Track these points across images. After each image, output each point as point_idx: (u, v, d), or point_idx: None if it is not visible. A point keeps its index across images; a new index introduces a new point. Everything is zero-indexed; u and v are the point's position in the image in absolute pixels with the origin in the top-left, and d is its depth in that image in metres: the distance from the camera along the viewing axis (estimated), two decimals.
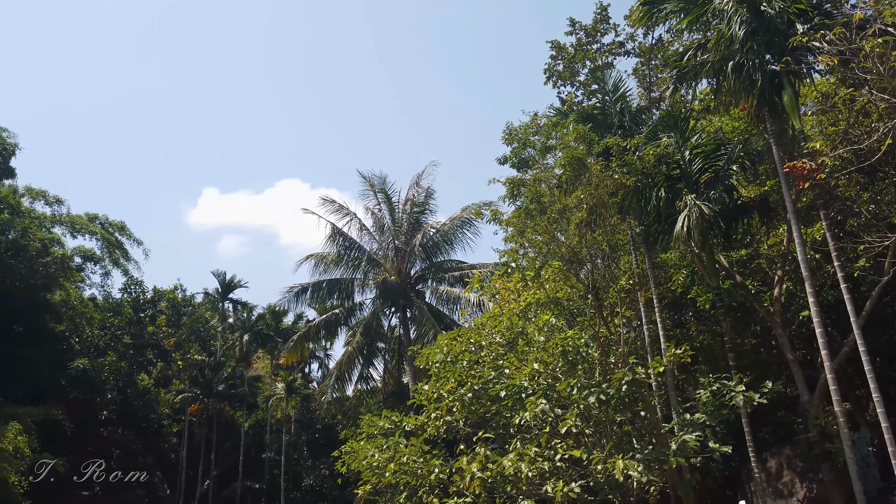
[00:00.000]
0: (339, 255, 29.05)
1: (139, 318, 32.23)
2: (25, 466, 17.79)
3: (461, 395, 13.23)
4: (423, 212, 29.38)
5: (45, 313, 24.58)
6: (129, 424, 29.76)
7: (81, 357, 26.69)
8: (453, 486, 12.23)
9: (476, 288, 17.68)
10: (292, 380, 42.21)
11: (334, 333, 32.69)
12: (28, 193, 27.87)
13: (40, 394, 23.40)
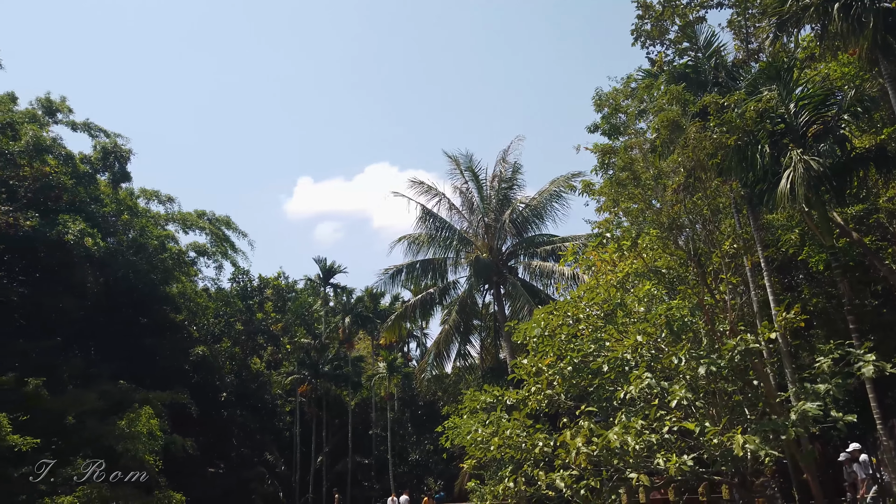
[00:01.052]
0: (431, 235, 29.27)
1: (248, 305, 33.87)
2: (159, 447, 19.15)
3: (561, 369, 12.99)
4: (511, 187, 29.05)
5: (165, 305, 26.27)
6: (246, 406, 31.46)
7: (200, 344, 28.40)
8: (558, 460, 12.10)
9: (570, 261, 17.28)
10: (393, 359, 43.19)
11: (430, 313, 33.06)
12: (143, 194, 29.78)
13: (166, 379, 25.09)
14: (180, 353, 26.70)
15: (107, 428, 18.28)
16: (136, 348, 24.88)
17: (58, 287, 21.14)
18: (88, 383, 20.51)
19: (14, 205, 20.87)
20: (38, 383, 17.68)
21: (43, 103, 25.62)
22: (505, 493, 13.12)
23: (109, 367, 22.13)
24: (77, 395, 18.86)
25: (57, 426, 17.65)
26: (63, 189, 22.53)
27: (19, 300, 20.43)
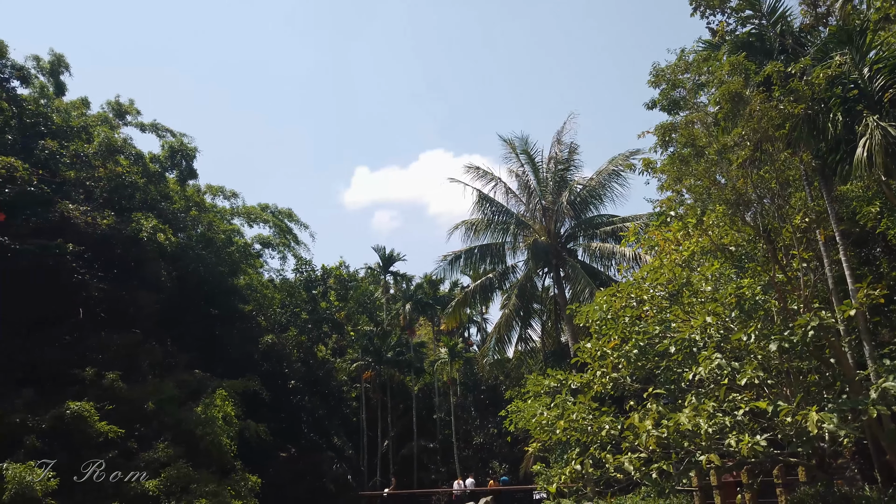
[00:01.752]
0: (488, 220, 29.18)
1: (312, 295, 34.65)
2: (234, 432, 19.88)
3: (626, 352, 12.78)
4: (568, 168, 28.64)
5: (234, 296, 27.16)
6: (314, 392, 32.26)
7: (268, 333, 29.25)
8: (625, 443, 11.95)
9: (631, 241, 16.93)
10: (454, 344, 43.45)
11: (489, 298, 33.07)
12: (209, 191, 30.81)
13: (238, 368, 25.97)
14: (250, 343, 27.57)
15: (185, 414, 19.08)
16: (208, 338, 25.83)
17: (134, 282, 22.13)
18: (166, 373, 21.44)
19: (91, 205, 21.91)
20: (116, 376, 18.57)
21: (113, 106, 26.77)
22: (572, 476, 13.05)
23: (185, 357, 23.08)
24: (156, 384, 19.73)
25: (139, 413, 18.53)
26: (135, 188, 23.54)
27: (100, 295, 21.48)
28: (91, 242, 20.81)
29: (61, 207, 20.29)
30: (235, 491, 18.49)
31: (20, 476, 13.52)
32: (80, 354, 19.43)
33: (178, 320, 25.55)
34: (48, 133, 22.84)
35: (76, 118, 24.36)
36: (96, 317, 21.55)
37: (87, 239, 20.60)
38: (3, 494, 13.31)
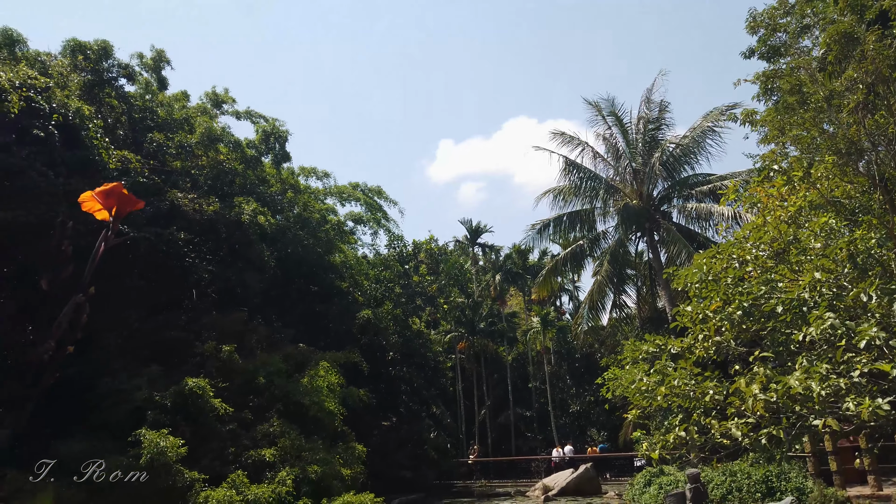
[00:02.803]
0: (576, 186, 28.65)
1: (405, 269, 35.41)
2: (338, 401, 20.79)
3: (729, 314, 12.28)
4: (659, 128, 27.57)
5: (330, 273, 28.16)
6: (411, 363, 33.11)
7: (364, 308, 30.21)
8: (731, 408, 11.57)
9: (731, 199, 16.14)
10: (546, 313, 43.27)
11: (580, 265, 32.60)
12: (302, 172, 31.94)
13: (338, 341, 27.03)
14: (347, 317, 28.57)
15: (292, 386, 20.09)
16: (309, 314, 26.99)
17: (239, 263, 23.38)
18: (273, 348, 22.60)
19: (197, 192, 23.24)
20: (231, 349, 19.78)
21: (210, 97, 28.12)
22: (675, 443, 12.79)
23: (289, 333, 24.25)
24: (264, 358, 20.84)
25: (251, 386, 19.67)
26: (235, 174, 24.75)
27: (209, 278, 22.83)
28: (198, 228, 22.10)
29: (170, 196, 21.63)
30: (343, 458, 19.33)
31: (155, 442, 14.75)
32: (195, 333, 20.80)
33: (281, 298, 26.82)
34: (154, 126, 24.33)
35: (178, 111, 25.80)
36: (207, 297, 22.95)
37: (195, 225, 21.88)
38: (140, 459, 14.55)
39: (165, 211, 21.16)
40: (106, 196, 2.39)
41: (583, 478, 23.45)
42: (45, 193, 16.66)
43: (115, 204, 2.43)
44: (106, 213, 2.51)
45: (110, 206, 2.43)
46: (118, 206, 2.48)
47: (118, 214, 2.45)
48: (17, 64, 20.10)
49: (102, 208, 2.48)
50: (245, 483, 15.96)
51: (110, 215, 2.41)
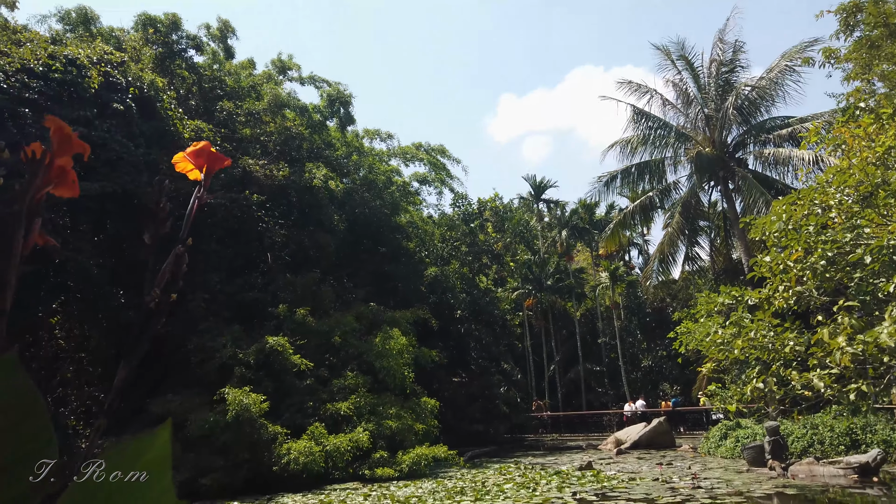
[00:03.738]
0: (644, 136, 27.82)
1: (470, 228, 35.49)
2: (410, 358, 21.31)
3: (812, 264, 11.80)
4: (733, 70, 26.26)
5: (397, 234, 28.56)
6: (479, 321, 33.44)
7: (432, 267, 30.59)
8: (812, 360, 11.24)
9: (812, 142, 15.34)
10: (614, 268, 42.67)
11: (650, 218, 31.89)
12: (367, 134, 32.25)
13: (407, 300, 27.54)
14: (416, 277, 29.01)
15: (365, 344, 20.72)
16: (379, 275, 27.55)
17: (310, 226, 24.02)
18: (345, 307, 23.27)
19: (266, 158, 23.87)
20: (306, 311, 20.50)
21: (276, 64, 28.61)
22: (753, 395, 12.55)
23: (360, 293, 24.89)
24: (338, 317, 21.50)
25: (326, 345, 20.40)
26: (302, 139, 25.24)
27: (283, 241, 23.57)
28: (270, 193, 22.76)
29: (242, 163, 22.31)
30: (416, 413, 19.89)
31: (239, 399, 15.61)
32: (272, 294, 21.64)
33: (351, 259, 27.46)
34: (223, 95, 25.00)
35: (245, 79, 26.38)
36: (281, 260, 23.75)
37: (266, 190, 22.54)
38: (227, 414, 15.46)
39: (238, 177, 21.86)
40: (196, 156, 2.49)
41: (656, 431, 23.35)
42: (128, 164, 17.52)
43: (206, 162, 2.53)
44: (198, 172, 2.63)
45: (201, 165, 2.54)
46: (208, 165, 2.59)
47: (209, 172, 2.55)
48: (94, 40, 20.94)
49: (194, 168, 2.59)
50: (324, 434, 16.72)
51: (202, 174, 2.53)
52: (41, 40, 18.88)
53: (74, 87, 17.44)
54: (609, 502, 10.83)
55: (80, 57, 17.85)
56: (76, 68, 17.61)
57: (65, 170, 1.24)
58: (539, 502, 11.09)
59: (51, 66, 17.16)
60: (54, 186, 1.22)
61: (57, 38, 20.29)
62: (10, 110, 15.82)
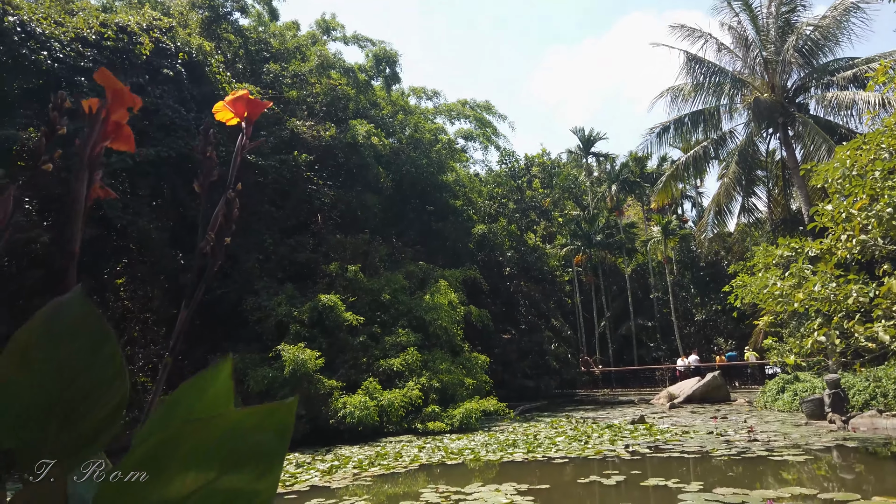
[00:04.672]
0: (698, 83, 26.82)
1: (517, 185, 35.11)
2: (459, 315, 21.48)
3: (877, 212, 11.32)
4: (794, 9, 24.90)
5: (444, 192, 28.50)
6: (528, 277, 33.36)
7: (479, 224, 30.52)
8: (877, 311, 10.86)
9: (880, 83, 14.53)
10: (666, 222, 41.78)
11: (703, 169, 30.97)
12: (412, 92, 32.02)
13: (456, 258, 27.64)
14: (464, 234, 29.01)
15: (415, 302, 20.95)
16: (426, 233, 27.67)
17: (357, 186, 24.18)
18: (394, 266, 23.52)
19: (313, 119, 24.00)
20: (356, 268, 20.81)
21: (319, 24, 28.49)
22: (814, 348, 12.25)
23: (409, 252, 25.07)
24: (387, 276, 21.75)
25: (376, 303, 20.71)
26: (348, 99, 25.23)
27: (331, 202, 23.83)
28: (317, 154, 22.94)
29: (290, 125, 22.49)
30: (466, 368, 20.14)
31: (295, 355, 16.09)
32: (323, 254, 22.01)
33: (399, 219, 27.62)
34: (269, 57, 25.11)
35: (290, 40, 26.38)
36: (331, 221, 24.06)
37: (314, 151, 22.72)
38: (284, 370, 15.97)
39: (286, 139, 22.07)
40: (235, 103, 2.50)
41: (710, 385, 23.08)
42: (181, 129, 17.89)
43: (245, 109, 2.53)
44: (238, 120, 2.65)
45: (241, 112, 2.54)
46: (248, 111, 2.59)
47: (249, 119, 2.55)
48: (142, 7, 21.22)
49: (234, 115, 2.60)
50: (378, 389, 17.14)
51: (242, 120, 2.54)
52: (92, 9, 19.25)
53: (126, 54, 17.79)
54: (662, 455, 10.82)
55: (130, 24, 18.15)
56: (127, 35, 17.93)
57: (120, 124, 1.26)
58: (591, 454, 11.16)
59: (103, 34, 17.52)
60: (112, 140, 1.24)
61: (107, 5, 20.65)
62: (66, 79, 16.28)
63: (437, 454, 12.22)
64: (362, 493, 8.81)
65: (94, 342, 0.95)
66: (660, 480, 8.40)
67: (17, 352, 0.90)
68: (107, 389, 0.97)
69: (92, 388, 0.95)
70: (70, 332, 0.93)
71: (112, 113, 1.10)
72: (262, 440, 0.88)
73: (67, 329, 0.93)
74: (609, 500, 7.47)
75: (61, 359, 0.92)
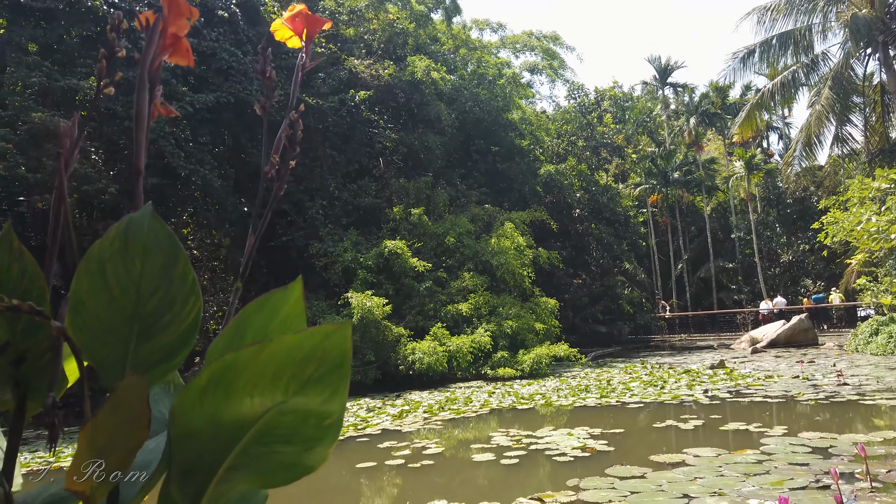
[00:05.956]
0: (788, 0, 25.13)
1: (587, 121, 34.12)
2: (528, 259, 21.42)
3: None
4: None
5: (509, 132, 28.02)
6: (600, 219, 32.77)
7: (547, 164, 30.00)
8: None
9: None
10: (750, 156, 39.98)
11: (792, 97, 29.34)
12: (475, 25, 31.29)
13: (523, 200, 27.37)
14: (530, 175, 28.61)
15: (481, 246, 20.98)
16: (491, 175, 27.43)
17: (419, 127, 24.07)
18: (459, 209, 23.52)
19: (371, 57, 23.84)
20: (420, 211, 20.94)
21: None
22: None
23: (473, 194, 24.96)
24: (452, 220, 21.80)
25: (442, 247, 20.86)
26: (406, 34, 24.88)
27: (393, 146, 23.87)
28: (377, 94, 22.87)
29: (348, 64, 22.44)
30: (535, 313, 20.17)
31: (362, 302, 16.49)
32: (386, 199, 22.22)
33: (462, 160, 27.43)
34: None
35: None
36: (393, 164, 24.16)
37: (374, 90, 22.60)
38: (353, 318, 16.42)
39: (345, 80, 22.07)
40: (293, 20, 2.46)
41: (796, 329, 22.36)
42: (238, 72, 18.15)
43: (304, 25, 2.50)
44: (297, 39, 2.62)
45: (299, 30, 2.50)
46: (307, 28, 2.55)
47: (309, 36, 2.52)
48: None
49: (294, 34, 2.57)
50: (446, 335, 17.43)
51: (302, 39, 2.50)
52: None
53: None
54: (744, 399, 10.64)
55: None
56: None
57: (178, 37, 1.26)
58: (667, 400, 11.09)
59: None
60: (170, 54, 1.25)
61: None
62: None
63: (508, 399, 12.42)
64: (433, 437, 9.08)
65: (168, 259, 0.97)
66: (740, 425, 8.29)
67: (94, 267, 0.94)
68: (181, 307, 1.00)
69: (168, 305, 0.99)
70: (144, 248, 0.96)
71: (169, 25, 1.10)
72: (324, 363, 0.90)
73: (141, 245, 0.96)
74: (686, 443, 7.44)
75: (137, 275, 0.95)
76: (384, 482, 6.82)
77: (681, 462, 6.41)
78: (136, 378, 0.86)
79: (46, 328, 0.97)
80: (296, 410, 0.88)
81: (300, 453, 0.93)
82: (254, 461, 0.93)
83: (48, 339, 1.01)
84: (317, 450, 0.92)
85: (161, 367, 1.03)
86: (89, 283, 0.93)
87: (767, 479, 5.53)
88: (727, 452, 6.71)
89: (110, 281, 0.94)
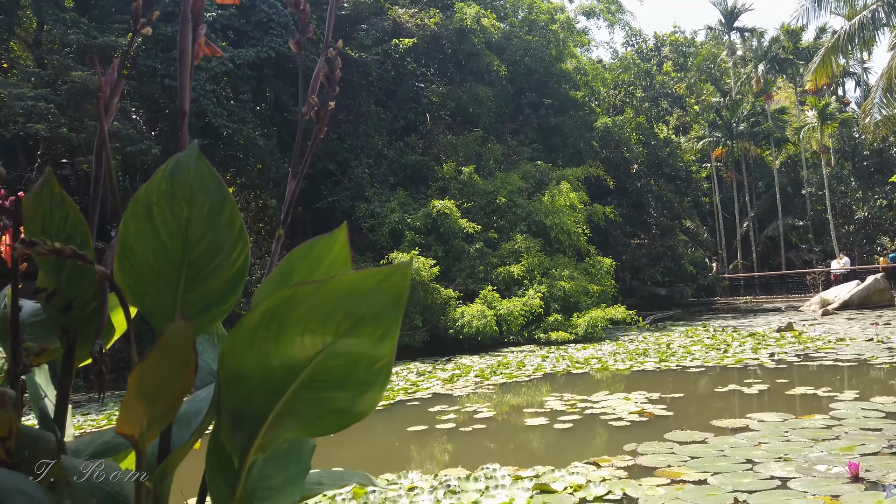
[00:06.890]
0: None
1: (646, 69, 33.09)
2: (583, 218, 21.13)
3: None
4: None
5: (563, 84, 27.41)
6: (659, 174, 32.02)
7: (603, 117, 29.32)
8: None
9: None
10: (824, 105, 38.24)
11: (872, 38, 27.84)
12: None
13: (577, 156, 26.88)
14: (585, 129, 28.04)
15: (533, 205, 20.78)
16: (544, 129, 27.00)
17: (468, 79, 23.75)
18: (510, 167, 23.29)
19: (416, 6, 23.49)
20: (471, 169, 20.83)
21: None
22: None
23: (525, 150, 24.66)
24: (503, 177, 21.61)
25: (492, 207, 20.75)
26: None
27: (440, 101, 23.68)
28: (423, 45, 22.60)
29: (391, 14, 22.18)
30: (590, 274, 19.97)
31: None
32: (434, 157, 22.16)
33: (514, 115, 27.05)
34: None
35: None
36: (441, 120, 24.01)
37: (419, 41, 22.30)
38: None
39: (389, 30, 21.86)
40: None
41: (871, 289, 21.61)
42: (278, 25, 18.17)
43: None
44: None
45: None
46: None
47: None
48: None
49: None
50: (496, 298, 17.43)
51: None
52: None
53: None
54: (813, 363, 10.40)
55: None
56: None
57: None
58: (730, 364, 10.92)
59: None
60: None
61: None
62: None
63: (562, 364, 12.42)
64: (484, 401, 9.18)
65: (215, 203, 0.99)
66: (808, 389, 8.11)
67: (142, 211, 0.95)
68: (229, 252, 1.02)
69: (216, 250, 1.00)
70: (191, 192, 0.97)
71: None
72: (378, 303, 0.90)
73: (188, 188, 0.97)
74: (750, 408, 7.33)
75: (185, 219, 0.97)
76: (435, 446, 6.95)
77: (744, 427, 6.33)
78: (183, 323, 0.88)
79: (91, 275, 1.00)
80: (346, 353, 0.89)
81: (350, 399, 0.94)
82: (304, 407, 0.95)
83: (93, 286, 1.04)
84: (366, 395, 0.94)
85: (210, 314, 1.05)
86: (137, 227, 0.95)
87: (837, 444, 5.41)
88: (794, 417, 6.59)
89: (158, 225, 0.96)
